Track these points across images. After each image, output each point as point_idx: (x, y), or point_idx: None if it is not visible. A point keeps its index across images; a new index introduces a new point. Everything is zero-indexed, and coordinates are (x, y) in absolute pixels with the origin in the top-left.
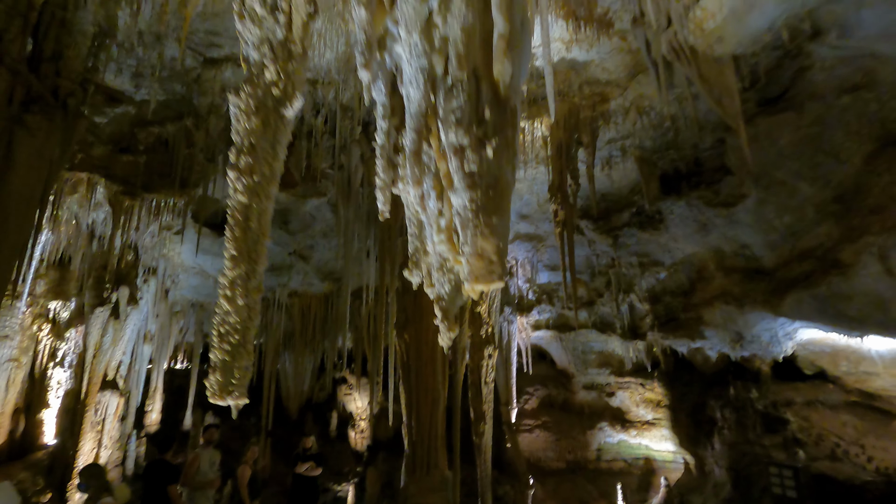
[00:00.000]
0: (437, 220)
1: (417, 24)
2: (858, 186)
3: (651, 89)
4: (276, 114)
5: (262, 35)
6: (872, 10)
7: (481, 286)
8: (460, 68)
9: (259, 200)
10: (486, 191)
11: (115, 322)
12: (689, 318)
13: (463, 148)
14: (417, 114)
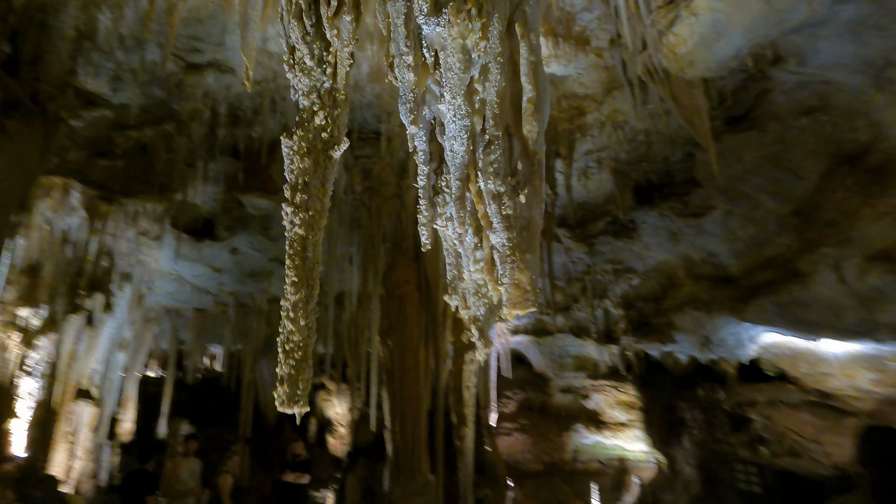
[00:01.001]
0: (474, 253)
1: (461, 90)
2: (815, 202)
3: (625, 105)
4: (325, 155)
5: (311, 84)
6: (827, 41)
7: (518, 311)
8: (496, 127)
9: (314, 232)
10: (521, 231)
11: (89, 330)
12: (661, 322)
13: (500, 194)
14: (461, 165)
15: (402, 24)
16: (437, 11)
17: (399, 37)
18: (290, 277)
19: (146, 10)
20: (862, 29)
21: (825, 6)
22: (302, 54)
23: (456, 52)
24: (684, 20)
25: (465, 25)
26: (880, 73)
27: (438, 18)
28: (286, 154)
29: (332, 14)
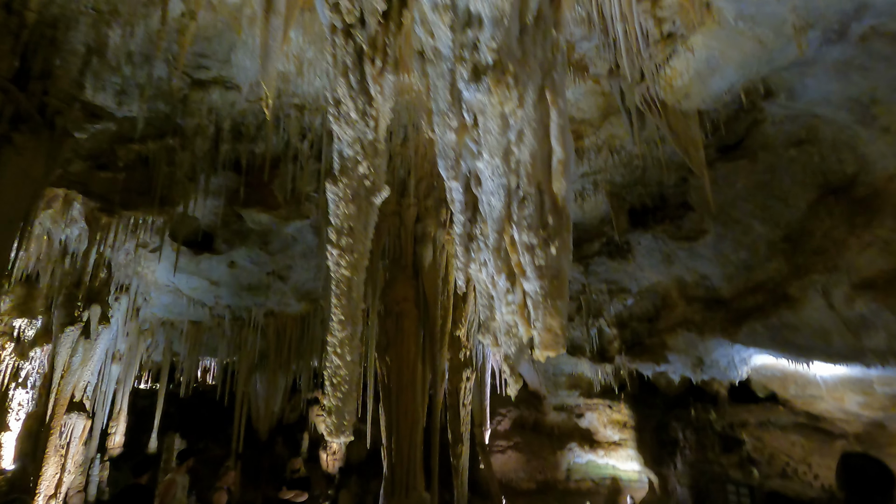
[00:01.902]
0: (506, 297)
1: (499, 151)
2: (804, 229)
3: (622, 130)
4: (367, 201)
5: (355, 135)
6: (815, 79)
7: (549, 353)
8: (529, 184)
9: (357, 273)
10: (552, 280)
11: (85, 342)
12: (654, 343)
13: (533, 246)
14: (499, 219)
15: (442, 86)
16: (477, 79)
17: (440, 97)
18: (336, 316)
19: (157, 29)
20: (848, 69)
21: (813, 47)
22: (347, 108)
23: (495, 118)
24: (681, 55)
25: (504, 94)
26: (865, 110)
27: (478, 85)
28: (331, 199)
29: (376, 73)
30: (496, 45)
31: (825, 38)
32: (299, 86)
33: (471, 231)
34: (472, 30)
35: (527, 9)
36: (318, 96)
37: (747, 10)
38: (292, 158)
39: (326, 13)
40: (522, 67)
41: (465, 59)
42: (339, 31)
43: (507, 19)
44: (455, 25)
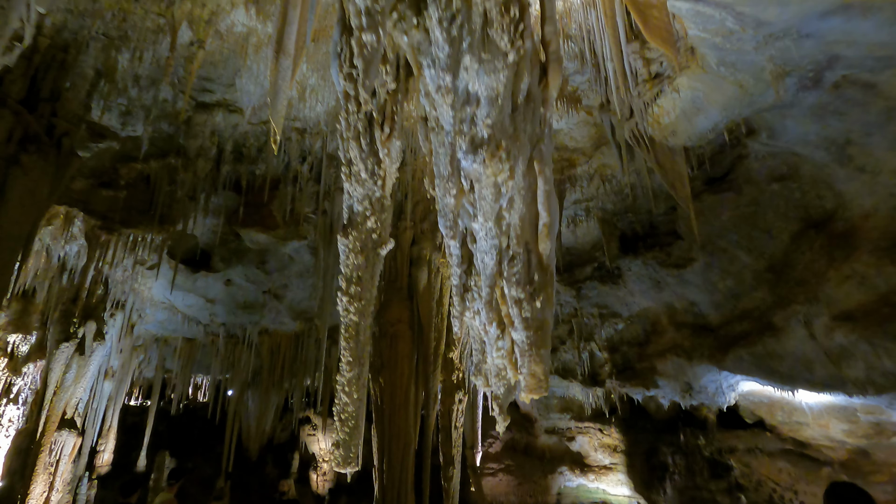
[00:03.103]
0: (496, 343)
1: (492, 215)
2: (787, 260)
3: (612, 160)
4: (374, 252)
5: (364, 193)
6: (794, 121)
7: (533, 395)
8: (518, 245)
9: (364, 318)
10: (537, 331)
11: (79, 358)
12: (644, 367)
13: (521, 300)
14: (491, 275)
15: (443, 154)
16: (474, 151)
17: (441, 163)
18: (345, 357)
19: (167, 56)
20: (823, 113)
21: (791, 93)
22: (358, 169)
23: (489, 187)
24: (667, 94)
25: (497, 167)
26: (841, 151)
27: (475, 157)
28: (342, 251)
29: (384, 138)
30: (491, 121)
31: (801, 85)
32: (301, 110)
33: (466, 283)
34: (469, 107)
35: (518, 90)
36: (319, 121)
37: (728, 58)
38: (292, 180)
39: (341, 81)
40: (514, 142)
41: (463, 132)
42: (351, 99)
43: (500, 99)
44: (455, 104)
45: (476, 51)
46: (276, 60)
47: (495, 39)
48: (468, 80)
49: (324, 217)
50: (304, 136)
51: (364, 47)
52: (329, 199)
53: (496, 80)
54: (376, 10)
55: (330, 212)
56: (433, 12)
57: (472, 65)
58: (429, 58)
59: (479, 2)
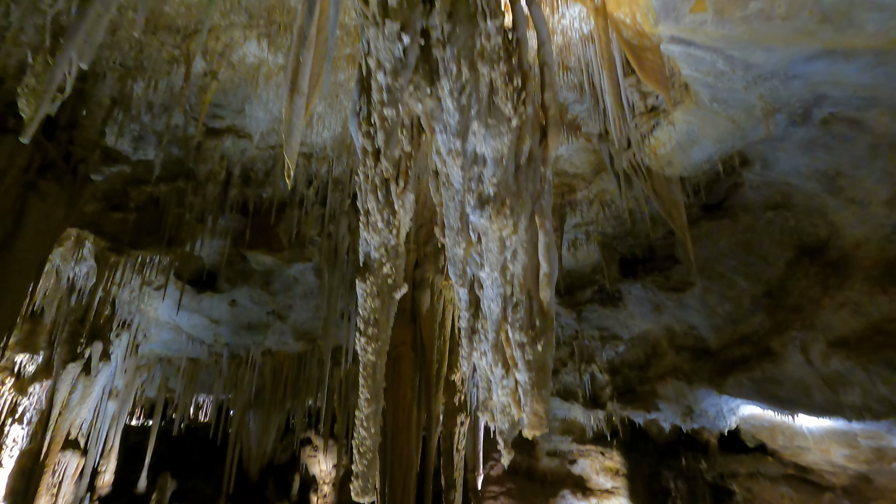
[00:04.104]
0: (501, 382)
1: (498, 266)
2: (783, 286)
3: (612, 185)
4: (389, 296)
5: (380, 241)
6: (785, 153)
7: (535, 432)
8: (521, 292)
9: (381, 358)
10: (538, 372)
11: (85, 378)
12: (645, 390)
13: (523, 344)
14: (497, 320)
15: (453, 208)
16: (481, 207)
17: (451, 216)
18: (364, 394)
19: (181, 86)
20: (813, 146)
21: (781, 128)
22: (375, 219)
23: (495, 241)
24: (663, 127)
25: (502, 223)
26: (832, 182)
27: (482, 212)
28: (360, 295)
29: (399, 191)
30: (496, 180)
31: (791, 121)
32: (308, 136)
33: (473, 325)
34: (477, 166)
35: (521, 151)
36: (325, 146)
37: (720, 95)
38: (298, 203)
39: (360, 138)
40: (517, 199)
41: (471, 189)
42: (369, 154)
43: (505, 160)
44: (465, 165)
45: (483, 117)
46: (290, 99)
47: (500, 106)
48: (476, 143)
49: (329, 240)
50: (311, 161)
51: (385, 120)
52: (334, 222)
53: (501, 142)
54: (396, 88)
55: (335, 234)
56: (445, 83)
57: (480, 129)
58: (441, 123)
59: (485, 73)
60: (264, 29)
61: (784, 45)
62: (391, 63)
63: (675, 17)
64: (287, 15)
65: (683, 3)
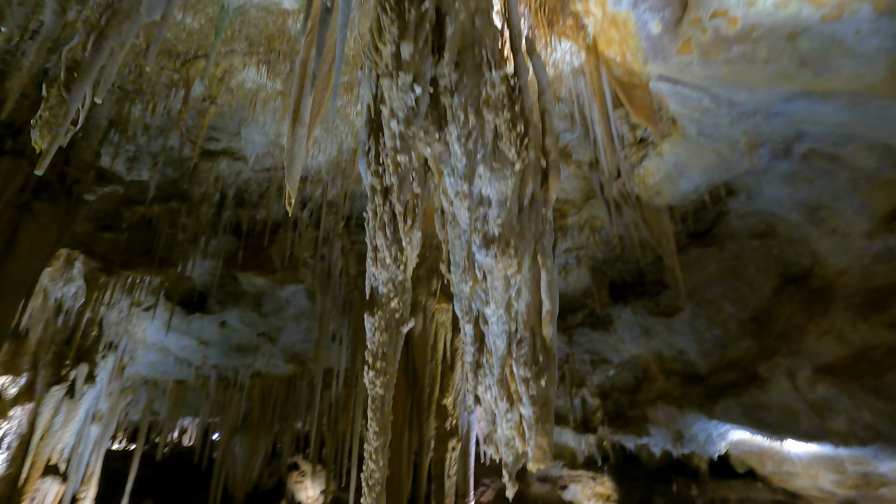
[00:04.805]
0: (506, 415)
1: (503, 304)
2: (769, 312)
3: (602, 211)
4: (397, 330)
5: (388, 276)
6: (769, 185)
7: (540, 466)
8: (525, 329)
9: (388, 391)
10: (542, 406)
11: (69, 401)
12: (636, 415)
13: (528, 379)
14: (502, 356)
15: (459, 247)
16: (487, 246)
17: (457, 254)
18: (373, 427)
19: (179, 110)
20: (795, 179)
21: (764, 161)
22: (384, 255)
23: (500, 279)
24: (652, 158)
25: (507, 262)
26: (813, 213)
27: (488, 251)
28: (368, 328)
29: (407, 229)
30: (501, 221)
31: (773, 155)
32: (303, 160)
33: (479, 360)
34: (483, 207)
35: (524, 193)
36: (320, 169)
37: (706, 130)
38: (292, 225)
39: (369, 177)
40: (521, 240)
41: (477, 229)
42: (378, 192)
43: (509, 202)
44: (471, 206)
45: (488, 161)
46: (292, 129)
47: (504, 151)
48: (481, 185)
49: (322, 262)
50: (306, 184)
51: (399, 166)
52: (328, 244)
53: (505, 185)
54: (409, 135)
55: (328, 257)
56: (453, 129)
57: (485, 173)
58: (448, 167)
59: (490, 119)
60: (264, 56)
61: (766, 86)
62: (404, 112)
63: (662, 58)
64: (287, 43)
65: (671, 45)
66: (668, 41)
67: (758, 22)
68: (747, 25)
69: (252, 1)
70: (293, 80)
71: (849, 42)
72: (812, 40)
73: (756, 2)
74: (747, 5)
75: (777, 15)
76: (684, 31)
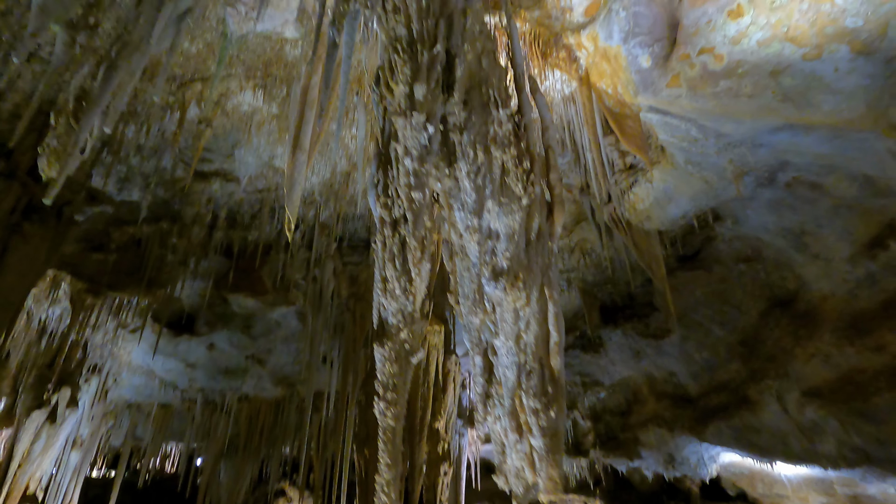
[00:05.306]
0: (515, 446)
1: (513, 336)
2: (757, 335)
3: (592, 235)
4: (406, 361)
5: (398, 307)
6: (754, 211)
7: (551, 497)
8: (534, 360)
9: (399, 422)
10: (552, 437)
11: (49, 427)
12: (627, 437)
13: (537, 410)
14: (512, 387)
15: (469, 279)
16: (496, 279)
17: (466, 286)
18: (384, 459)
19: (174, 132)
20: (780, 206)
21: (749, 189)
22: (393, 286)
23: (510, 311)
24: (642, 184)
25: (516, 295)
26: (798, 239)
27: (497, 284)
28: (378, 360)
29: (416, 261)
30: (509, 254)
31: (758, 183)
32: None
33: (488, 390)
34: (491, 241)
35: (531, 228)
36: (314, 191)
37: (694, 158)
38: (284, 247)
39: (378, 209)
40: (528, 273)
41: (487, 262)
42: (387, 224)
43: (516, 235)
44: (481, 240)
45: (496, 196)
46: (293, 155)
47: (511, 186)
48: (490, 220)
49: (314, 283)
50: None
51: (413, 202)
52: (319, 265)
53: (513, 219)
54: (422, 173)
55: (320, 278)
56: (462, 165)
57: (494, 207)
58: (458, 202)
59: (498, 156)
60: (260, 80)
61: (751, 119)
62: (418, 150)
63: (652, 91)
64: (284, 68)
65: (660, 78)
66: (658, 75)
67: (742, 59)
68: (733, 62)
69: (255, 30)
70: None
71: (828, 79)
72: (794, 77)
73: (741, 40)
74: (732, 43)
75: (761, 53)
76: (673, 65)
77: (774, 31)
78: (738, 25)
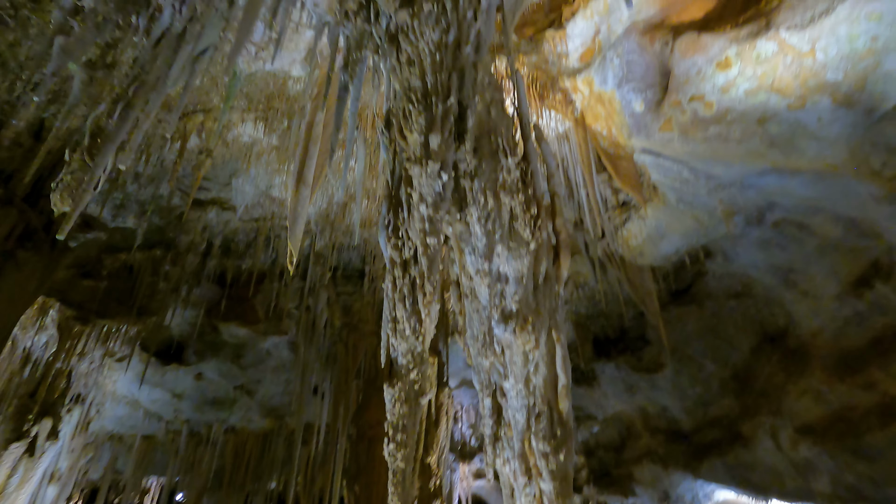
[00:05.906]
0: (524, 489)
1: (522, 379)
2: (749, 370)
3: (584, 268)
4: (416, 401)
5: (407, 347)
6: (744, 249)
7: None
8: (543, 403)
9: (409, 464)
10: (562, 481)
11: (27, 460)
12: (621, 474)
13: (547, 453)
14: (522, 430)
15: (478, 321)
16: (505, 322)
17: (475, 327)
18: (394, 502)
19: (174, 162)
20: (768, 244)
21: (739, 228)
22: (403, 327)
23: (519, 355)
24: (635, 221)
25: (525, 337)
26: (786, 276)
27: (506, 327)
28: (388, 400)
29: (426, 301)
30: (518, 297)
31: (747, 222)
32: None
33: (496, 432)
34: (500, 284)
35: (538, 272)
36: (309, 220)
37: (685, 198)
38: (278, 276)
39: (388, 250)
40: (537, 316)
41: (496, 305)
42: (398, 265)
43: (524, 279)
44: (491, 284)
45: (505, 241)
46: (297, 191)
47: (520, 231)
48: (499, 263)
49: (307, 313)
50: None
51: (428, 248)
52: (313, 295)
53: (521, 263)
54: (437, 219)
55: (313, 308)
56: (473, 211)
57: (503, 252)
58: (469, 246)
59: (506, 202)
60: (262, 113)
61: (739, 162)
62: (432, 197)
63: (646, 134)
64: (286, 102)
65: (653, 123)
66: (651, 119)
67: (731, 107)
68: (722, 109)
69: (264, 68)
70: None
71: (812, 128)
72: (780, 125)
73: (729, 89)
74: (721, 92)
75: (748, 102)
76: (665, 111)
77: (761, 83)
78: (727, 76)
